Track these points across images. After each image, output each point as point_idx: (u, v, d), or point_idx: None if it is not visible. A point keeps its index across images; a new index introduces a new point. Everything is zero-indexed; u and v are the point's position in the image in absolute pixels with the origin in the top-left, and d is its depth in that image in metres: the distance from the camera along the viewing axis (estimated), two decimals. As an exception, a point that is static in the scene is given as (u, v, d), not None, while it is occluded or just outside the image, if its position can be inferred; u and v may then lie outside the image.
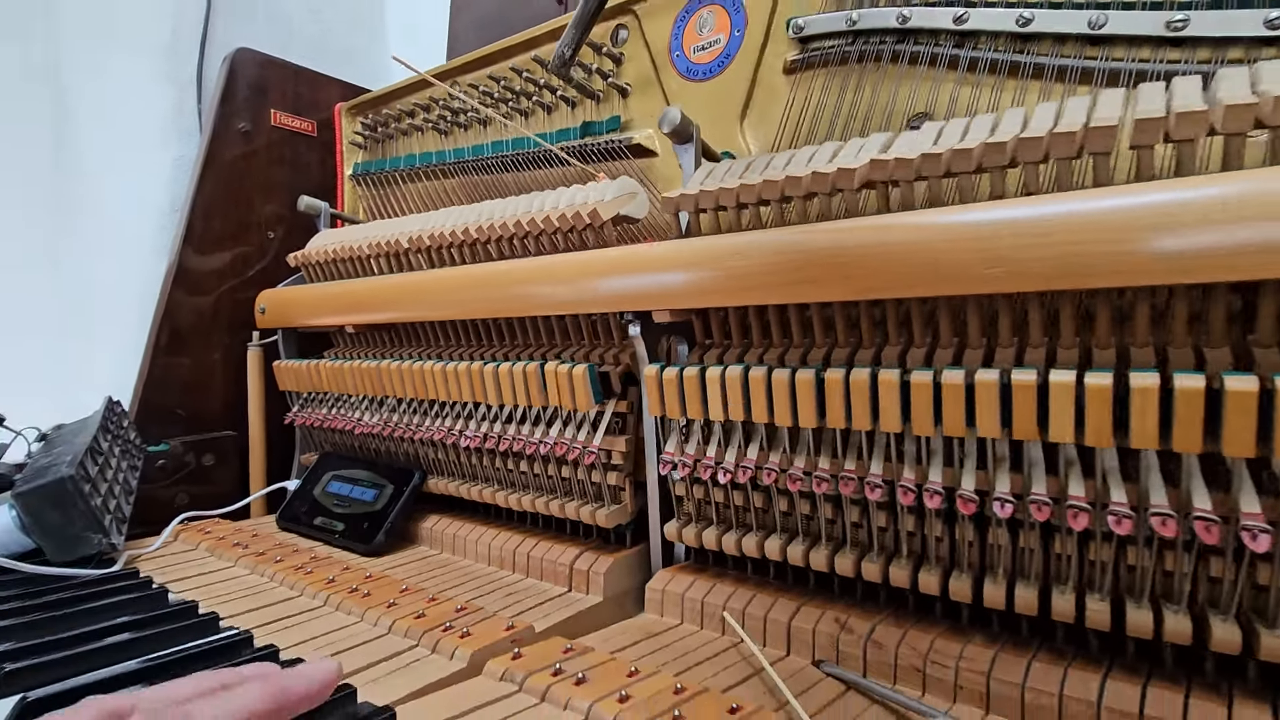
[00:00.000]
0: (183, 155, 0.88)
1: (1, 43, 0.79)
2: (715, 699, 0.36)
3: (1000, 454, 0.37)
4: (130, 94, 0.85)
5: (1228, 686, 0.33)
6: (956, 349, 0.40)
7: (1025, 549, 0.37)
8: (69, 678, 0.36)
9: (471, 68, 0.80)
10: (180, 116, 0.89)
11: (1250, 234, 0.28)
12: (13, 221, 0.83)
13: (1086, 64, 0.44)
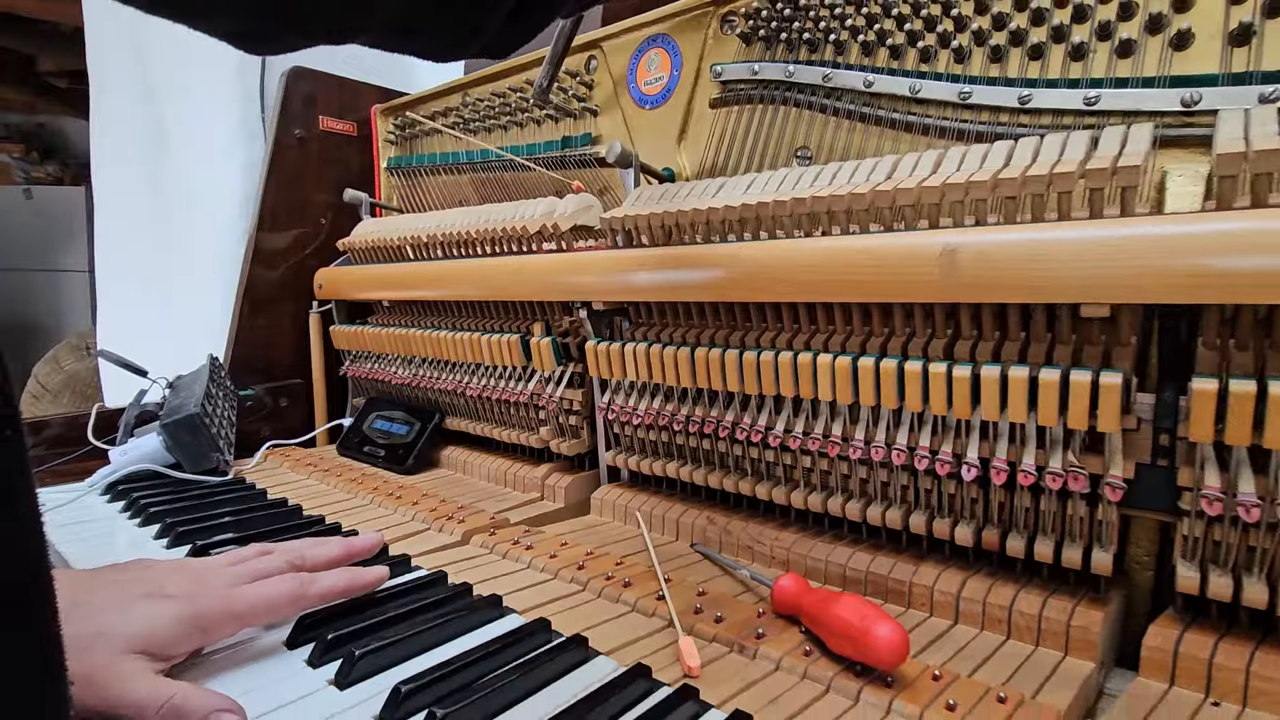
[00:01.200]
0: (251, 156, 1.09)
1: (112, 74, 0.99)
2: (611, 560, 0.56)
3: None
4: (208, 110, 1.05)
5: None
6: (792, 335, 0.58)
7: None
8: (215, 536, 0.59)
9: (480, 83, 0.97)
10: (246, 124, 1.09)
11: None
12: (129, 212, 1.06)
13: (924, 120, 0.59)
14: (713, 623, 0.45)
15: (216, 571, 0.43)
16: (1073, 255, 0.40)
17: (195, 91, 1.03)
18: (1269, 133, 0.37)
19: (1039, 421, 0.43)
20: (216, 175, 1.08)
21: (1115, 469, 0.41)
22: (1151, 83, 0.48)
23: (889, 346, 0.51)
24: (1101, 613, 0.42)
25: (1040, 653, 0.43)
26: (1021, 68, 0.54)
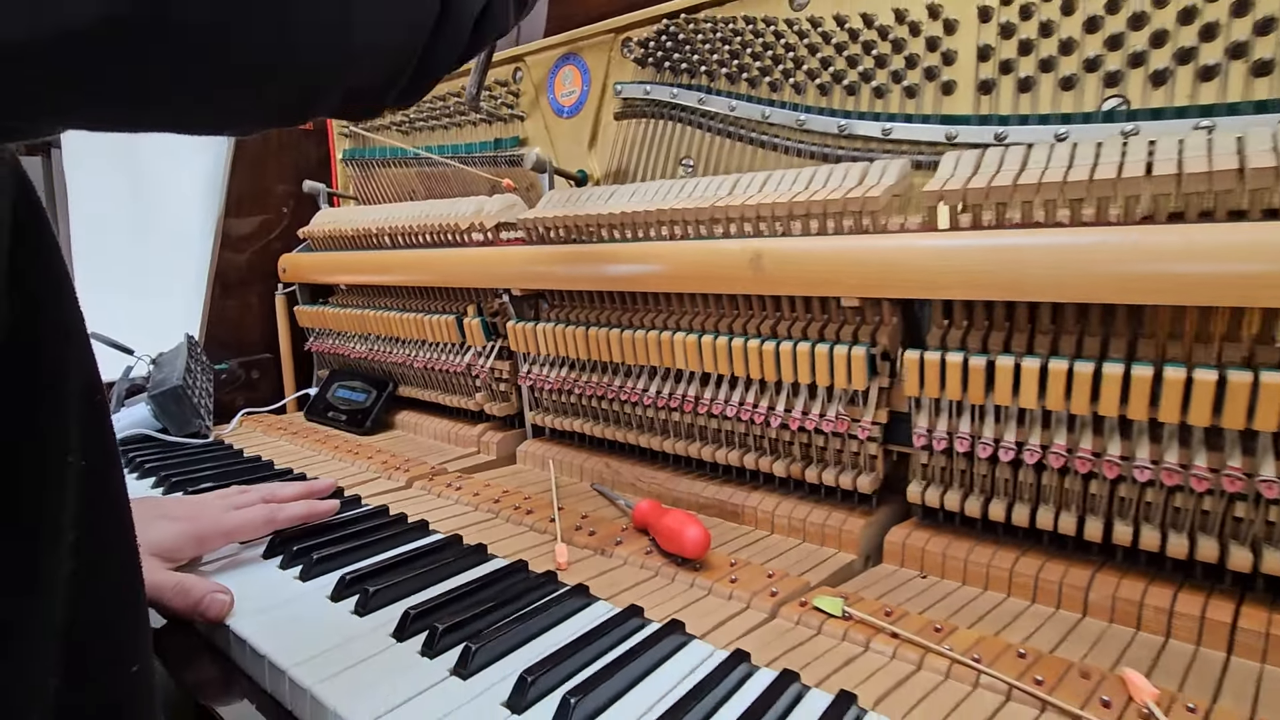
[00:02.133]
0: (218, 153, 1.19)
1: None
2: (522, 496, 0.71)
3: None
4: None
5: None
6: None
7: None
8: (204, 484, 0.72)
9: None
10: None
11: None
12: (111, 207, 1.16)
13: (773, 140, 0.73)
14: (587, 535, 0.61)
15: (209, 502, 0.57)
16: (840, 259, 0.55)
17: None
18: (962, 174, 0.52)
19: (819, 382, 0.58)
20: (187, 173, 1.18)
21: (868, 416, 0.57)
22: (928, 119, 0.63)
23: (720, 326, 0.65)
24: (864, 520, 0.58)
25: (822, 550, 0.59)
26: (842, 102, 0.68)
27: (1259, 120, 0.47)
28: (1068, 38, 0.55)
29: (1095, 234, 0.44)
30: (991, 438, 0.51)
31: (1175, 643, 0.44)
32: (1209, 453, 0.44)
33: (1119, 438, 0.47)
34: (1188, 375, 0.42)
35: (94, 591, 0.30)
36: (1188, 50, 0.50)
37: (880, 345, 0.57)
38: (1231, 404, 0.41)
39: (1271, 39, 0.48)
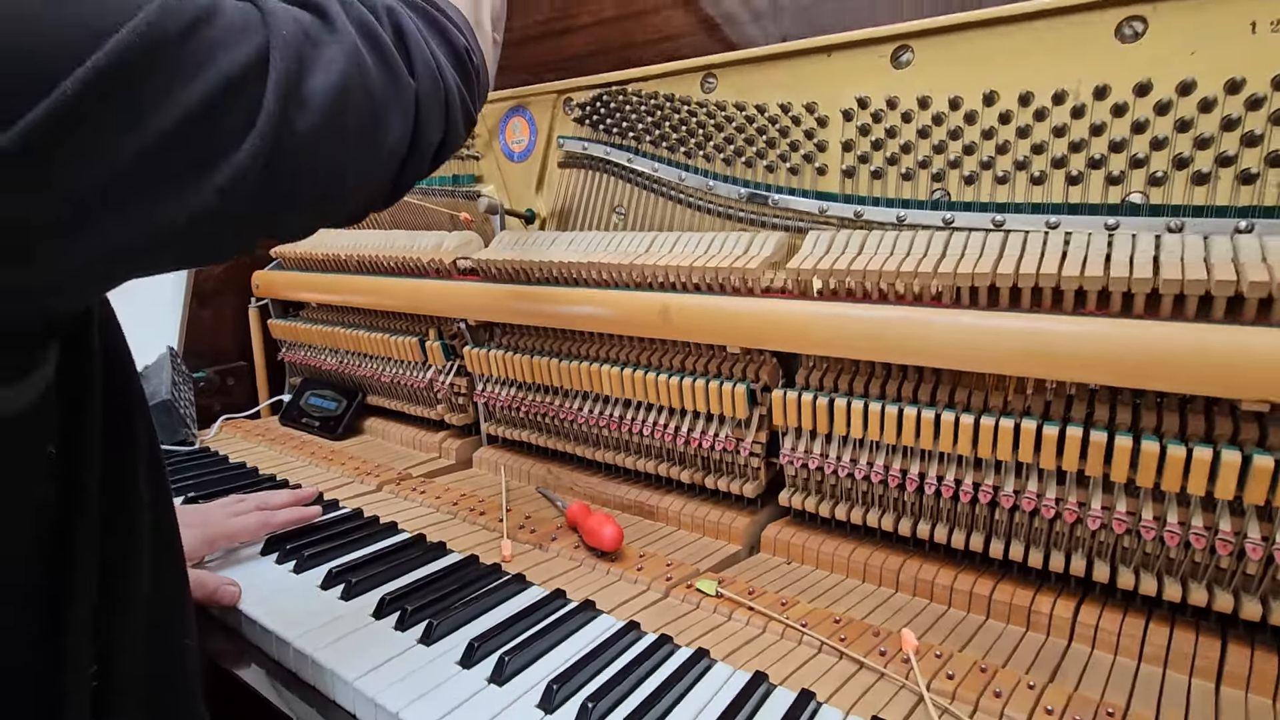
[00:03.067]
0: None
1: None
2: (476, 499, 0.84)
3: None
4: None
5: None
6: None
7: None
8: (199, 490, 0.84)
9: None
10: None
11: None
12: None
13: (688, 199, 0.86)
14: (529, 533, 0.75)
15: (214, 509, 0.69)
16: (727, 316, 0.69)
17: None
18: (818, 253, 0.67)
19: (712, 410, 0.73)
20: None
21: (749, 438, 0.72)
22: (806, 194, 0.77)
23: (640, 359, 0.80)
24: (748, 518, 0.74)
25: (715, 542, 0.74)
26: (742, 172, 0.82)
27: (1032, 219, 0.63)
28: (906, 141, 0.70)
29: (902, 310, 0.60)
30: (838, 458, 0.67)
31: (953, 610, 0.60)
32: (975, 471, 0.60)
33: (920, 459, 0.63)
34: (956, 417, 0.58)
35: (161, 590, 0.43)
36: (991, 159, 0.66)
37: (762, 380, 0.72)
38: (1001, 440, 0.57)
39: (1044, 157, 0.63)
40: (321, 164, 0.38)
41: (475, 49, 0.56)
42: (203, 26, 0.32)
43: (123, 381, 0.41)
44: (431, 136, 0.46)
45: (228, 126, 0.32)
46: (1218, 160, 0.56)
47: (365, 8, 0.43)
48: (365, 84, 0.40)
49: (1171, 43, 0.57)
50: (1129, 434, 0.52)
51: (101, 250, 0.31)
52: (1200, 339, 0.47)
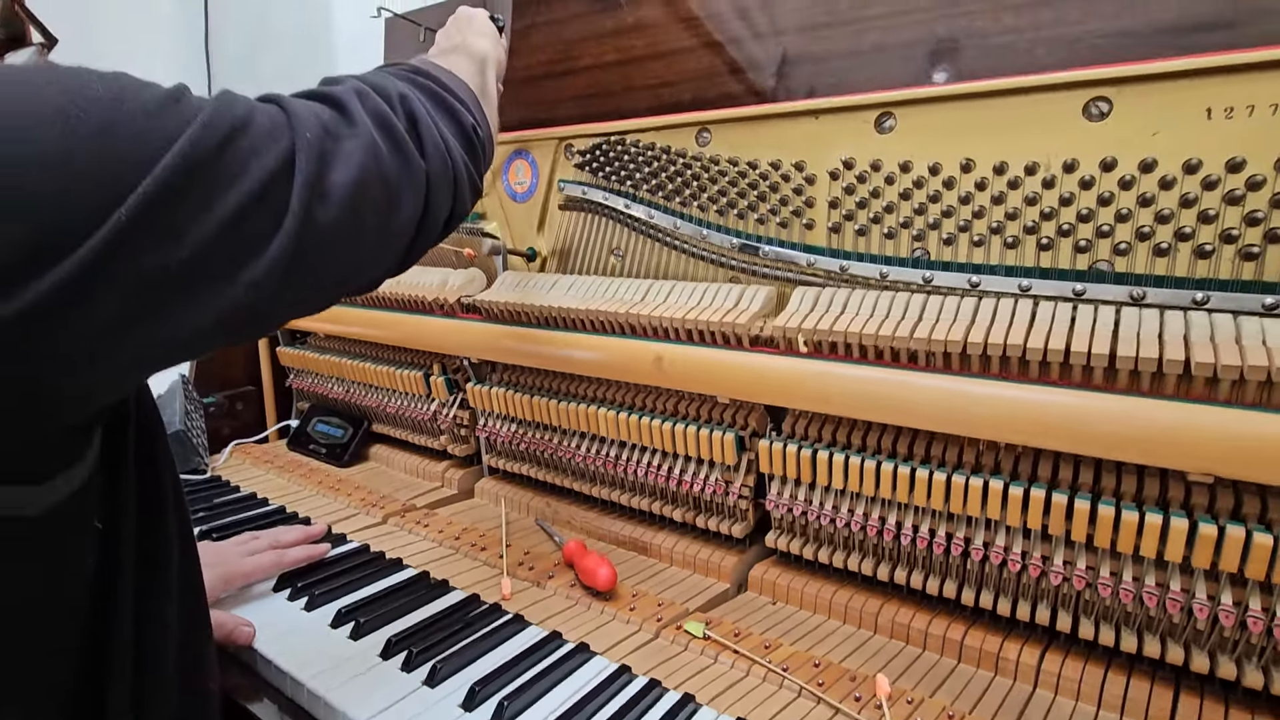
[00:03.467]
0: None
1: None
2: (478, 533, 0.88)
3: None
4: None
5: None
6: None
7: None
8: (214, 522, 0.88)
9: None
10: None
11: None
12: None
13: (683, 246, 0.90)
14: (527, 570, 0.79)
15: (229, 549, 0.73)
16: (717, 368, 0.73)
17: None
18: (803, 311, 0.70)
19: (702, 455, 0.77)
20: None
21: (738, 482, 0.76)
22: (794, 247, 0.81)
23: (635, 402, 0.83)
24: (736, 557, 0.78)
25: (705, 580, 0.78)
26: (734, 223, 0.86)
27: (1006, 282, 0.67)
28: (889, 202, 0.74)
29: (881, 371, 0.63)
30: (821, 505, 0.70)
31: (927, 654, 0.64)
32: (948, 523, 0.64)
33: (898, 510, 0.67)
34: (930, 473, 0.62)
35: (191, 622, 0.47)
36: (967, 222, 0.69)
37: (750, 426, 0.76)
38: (971, 497, 0.61)
39: (1017, 223, 0.67)
40: (342, 250, 0.41)
41: (481, 123, 0.60)
42: (239, 137, 0.35)
43: (151, 436, 0.45)
44: (440, 212, 0.50)
45: (258, 229, 0.36)
46: (1176, 235, 0.60)
47: (380, 97, 0.47)
48: (381, 171, 0.44)
49: (1134, 123, 0.61)
50: (1088, 497, 0.56)
51: (143, 352, 0.34)
52: (1150, 413, 0.51)
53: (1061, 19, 0.77)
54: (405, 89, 0.50)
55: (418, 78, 0.54)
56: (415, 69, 0.55)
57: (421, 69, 0.56)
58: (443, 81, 0.56)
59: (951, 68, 0.80)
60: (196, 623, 0.48)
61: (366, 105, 0.45)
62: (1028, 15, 0.79)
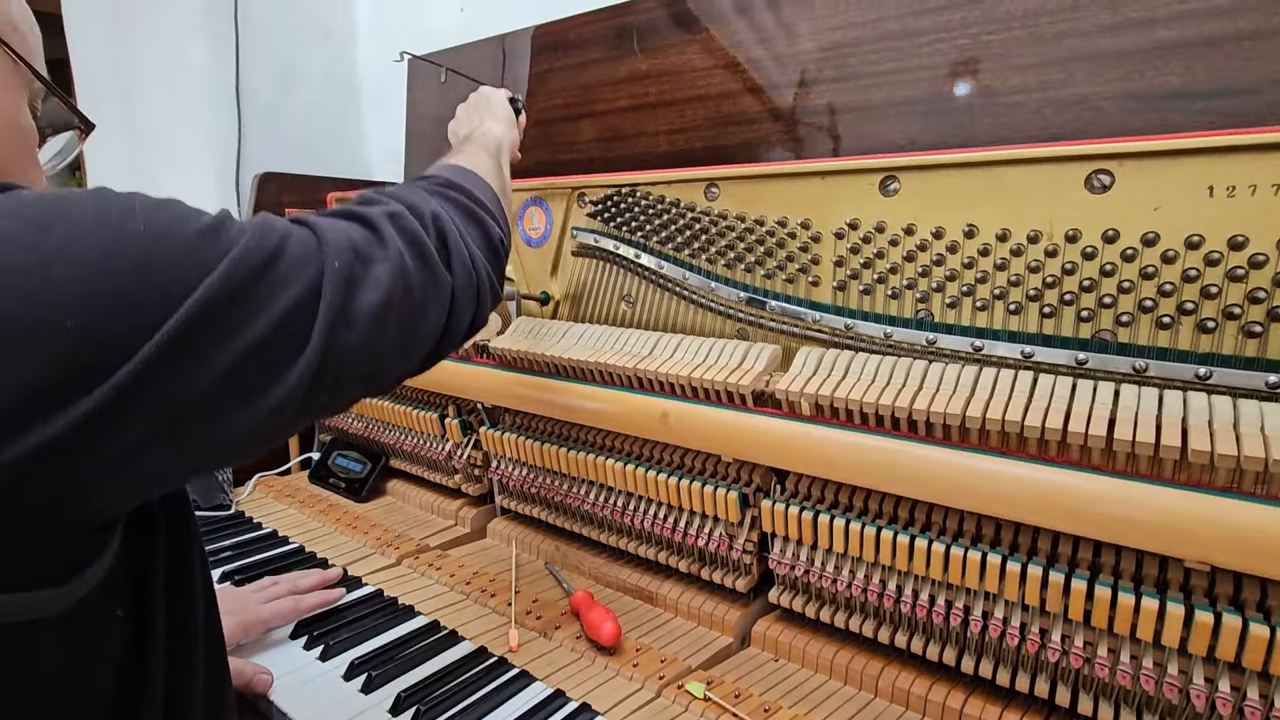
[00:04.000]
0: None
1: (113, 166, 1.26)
2: (488, 577, 0.90)
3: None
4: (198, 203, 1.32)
5: None
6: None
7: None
8: (237, 562, 0.91)
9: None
10: (227, 215, 1.36)
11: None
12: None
13: (692, 296, 0.92)
14: (535, 619, 0.80)
15: (248, 596, 0.76)
16: (722, 427, 0.74)
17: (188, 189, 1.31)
18: (805, 374, 0.72)
19: (706, 511, 0.78)
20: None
21: (741, 539, 0.77)
22: (800, 302, 0.82)
23: (643, 453, 0.85)
24: (740, 611, 0.79)
25: (710, 633, 0.79)
26: (742, 276, 0.87)
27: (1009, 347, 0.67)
28: (893, 263, 0.74)
29: (879, 440, 0.64)
30: (823, 567, 0.71)
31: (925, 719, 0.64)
32: (947, 591, 0.64)
33: (898, 575, 0.67)
34: (929, 543, 0.63)
35: (212, 669, 0.49)
36: (971, 287, 0.70)
37: (755, 482, 0.77)
38: (969, 569, 0.62)
39: (1020, 290, 0.68)
40: (363, 367, 0.44)
41: (505, 230, 0.63)
42: (274, 265, 0.38)
43: (179, 512, 0.47)
44: (463, 321, 0.53)
45: (280, 357, 0.38)
46: (1179, 309, 0.60)
47: (414, 216, 0.50)
48: (408, 289, 0.46)
49: (1137, 197, 0.61)
50: (1084, 577, 0.56)
51: (163, 469, 0.36)
52: (1147, 497, 0.51)
53: (1070, 79, 0.78)
54: (438, 207, 0.53)
55: (450, 192, 0.57)
56: (448, 182, 0.58)
57: (454, 182, 0.58)
58: (472, 193, 0.59)
59: (967, 97, 0.82)
60: (218, 683, 0.50)
61: (398, 225, 0.48)
62: (1035, 75, 0.80)
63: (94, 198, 0.34)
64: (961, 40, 0.84)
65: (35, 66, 0.46)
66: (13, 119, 0.44)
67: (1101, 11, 0.76)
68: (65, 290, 0.31)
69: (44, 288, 0.30)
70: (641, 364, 0.81)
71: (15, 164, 0.44)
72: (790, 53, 0.97)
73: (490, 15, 1.44)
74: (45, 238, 0.31)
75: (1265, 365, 0.57)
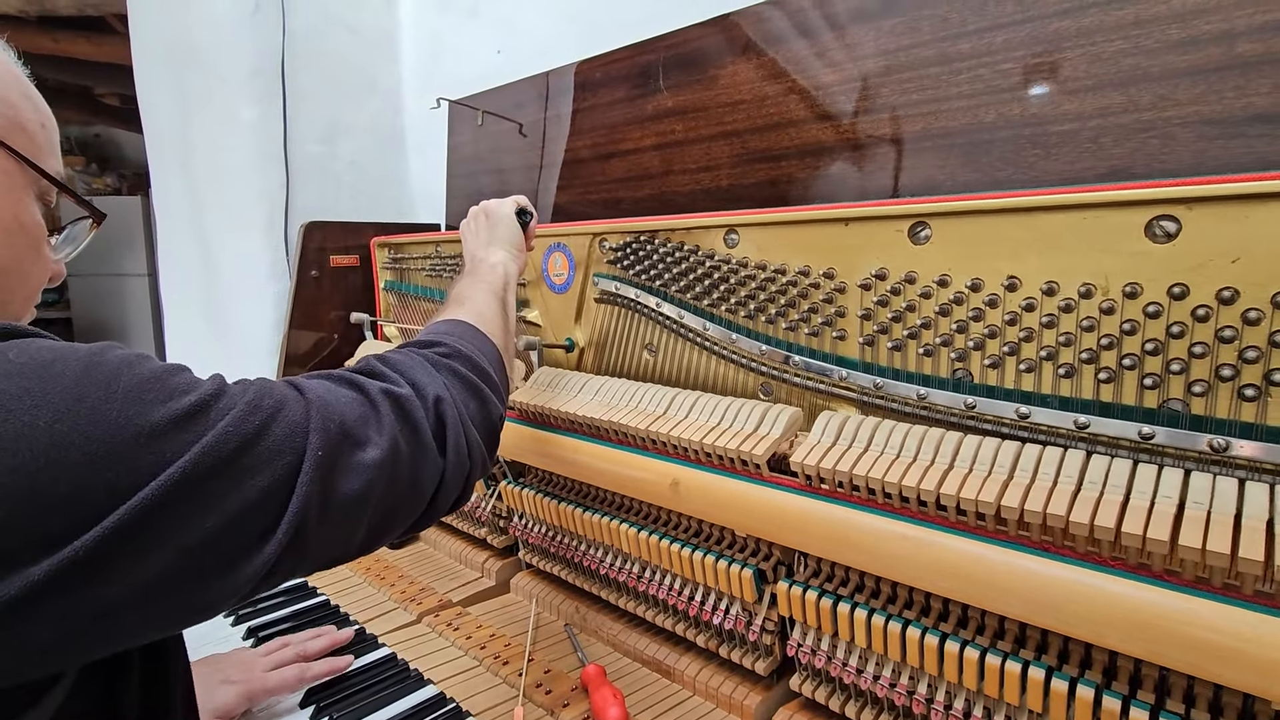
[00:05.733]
0: (280, 289, 1.42)
1: (178, 225, 1.33)
2: (503, 641, 0.87)
3: (622, 547, 0.85)
4: (249, 253, 1.38)
5: None
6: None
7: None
8: (257, 617, 0.92)
9: (449, 241, 1.27)
10: (275, 264, 1.42)
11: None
12: (196, 335, 1.40)
13: (712, 347, 0.87)
14: (544, 694, 0.77)
15: (255, 662, 0.76)
16: (733, 499, 0.69)
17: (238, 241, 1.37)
18: (825, 443, 0.65)
19: (720, 587, 0.72)
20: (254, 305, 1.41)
21: (759, 620, 0.71)
22: (826, 358, 0.76)
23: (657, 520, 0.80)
24: (760, 696, 0.72)
25: (727, 717, 0.73)
26: (764, 328, 0.81)
27: (1060, 416, 0.59)
28: (926, 318, 0.67)
29: (899, 525, 0.57)
30: (844, 659, 0.64)
31: None
32: (970, 697, 0.56)
33: (922, 678, 0.59)
34: (941, 640, 0.55)
35: None
36: (1014, 345, 0.62)
37: (775, 556, 0.71)
38: (989, 677, 0.54)
39: (1072, 350, 0.59)
40: (332, 550, 0.42)
41: (505, 398, 0.62)
42: (250, 449, 0.37)
43: (159, 649, 0.46)
44: (447, 501, 0.51)
45: (240, 546, 0.37)
46: (1266, 378, 0.51)
47: (418, 397, 0.49)
48: (394, 476, 0.45)
49: (1209, 247, 0.52)
50: (1118, 696, 0.47)
51: (108, 636, 0.35)
52: (1231, 621, 0.43)
53: (1132, 103, 0.69)
54: (442, 389, 0.52)
55: (455, 363, 0.56)
56: (455, 352, 0.57)
57: (460, 352, 0.57)
58: (478, 364, 0.58)
59: (1014, 127, 0.74)
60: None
61: (398, 407, 0.47)
62: (1091, 100, 0.71)
63: (82, 369, 0.34)
64: (1006, 64, 0.76)
65: (45, 165, 0.47)
66: (13, 218, 0.45)
67: (1169, 26, 0.66)
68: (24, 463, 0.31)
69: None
70: (654, 425, 0.77)
71: (14, 263, 0.45)
72: (817, 84, 0.91)
73: (526, 57, 1.45)
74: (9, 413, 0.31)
75: (1377, 451, 0.47)
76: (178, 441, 0.35)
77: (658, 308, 0.91)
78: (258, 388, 0.41)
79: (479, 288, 0.73)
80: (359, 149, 1.50)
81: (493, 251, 0.80)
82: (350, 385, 0.47)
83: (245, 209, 1.36)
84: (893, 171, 0.85)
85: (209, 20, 1.32)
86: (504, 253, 0.81)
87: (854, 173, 0.88)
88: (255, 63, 1.31)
